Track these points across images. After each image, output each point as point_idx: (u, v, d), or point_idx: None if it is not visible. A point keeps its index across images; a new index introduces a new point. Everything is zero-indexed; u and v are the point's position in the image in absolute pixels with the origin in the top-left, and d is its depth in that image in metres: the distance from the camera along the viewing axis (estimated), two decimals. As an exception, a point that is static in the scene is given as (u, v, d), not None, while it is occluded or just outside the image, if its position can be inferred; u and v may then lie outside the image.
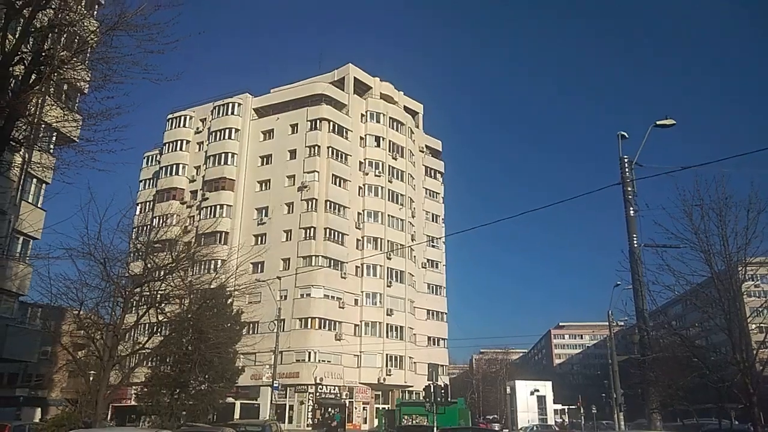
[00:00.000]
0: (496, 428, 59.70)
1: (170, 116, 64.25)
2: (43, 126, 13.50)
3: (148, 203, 58.56)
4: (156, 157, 64.73)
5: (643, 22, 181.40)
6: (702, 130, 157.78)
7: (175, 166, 62.02)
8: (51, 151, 15.22)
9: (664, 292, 17.57)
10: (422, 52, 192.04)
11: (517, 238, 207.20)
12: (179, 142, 62.98)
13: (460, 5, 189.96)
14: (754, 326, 17.68)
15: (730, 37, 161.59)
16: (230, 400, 42.57)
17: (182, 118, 63.81)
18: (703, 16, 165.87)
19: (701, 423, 31.97)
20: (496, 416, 70.97)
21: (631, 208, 18.29)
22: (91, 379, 22.62)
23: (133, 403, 38.16)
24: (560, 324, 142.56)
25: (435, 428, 27.30)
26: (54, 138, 15.02)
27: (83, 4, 12.09)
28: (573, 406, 63.31)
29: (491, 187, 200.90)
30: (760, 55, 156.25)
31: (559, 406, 64.25)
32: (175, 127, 63.77)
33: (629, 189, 18.43)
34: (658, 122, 18.46)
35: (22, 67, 10.51)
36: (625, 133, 19.05)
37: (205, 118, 62.96)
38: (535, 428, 47.37)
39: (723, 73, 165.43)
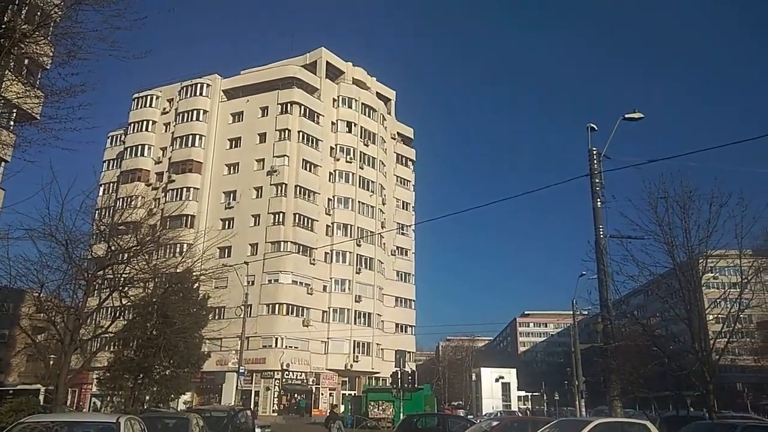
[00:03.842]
0: (461, 414, 60.67)
1: (136, 95, 62.59)
2: (2, 102, 12.98)
3: (112, 184, 57.09)
4: (121, 137, 63.03)
5: (614, 17, 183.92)
6: (669, 123, 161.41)
7: (140, 146, 60.57)
8: (11, 128, 14.67)
9: (627, 283, 17.98)
10: (395, 39, 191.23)
11: (486, 228, 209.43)
12: (145, 122, 61.49)
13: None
14: (711, 317, 18.25)
15: (697, 33, 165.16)
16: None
17: (149, 97, 62.27)
18: (672, 12, 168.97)
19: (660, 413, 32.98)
20: (461, 402, 71.97)
21: (599, 200, 18.52)
22: (51, 363, 22.08)
23: (94, 387, 37.38)
24: (525, 312, 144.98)
25: (401, 414, 27.54)
26: (14, 115, 14.46)
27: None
28: (536, 393, 64.67)
29: (462, 175, 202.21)
30: (726, 50, 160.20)
31: (522, 393, 65.59)
32: (141, 107, 62.21)
33: (597, 180, 18.66)
34: (626, 115, 18.72)
35: (-20, 39, 10.04)
36: (595, 125, 19.26)
37: (173, 99, 61.55)
38: (499, 414, 48.19)
39: (691, 68, 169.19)
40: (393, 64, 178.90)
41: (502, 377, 57.46)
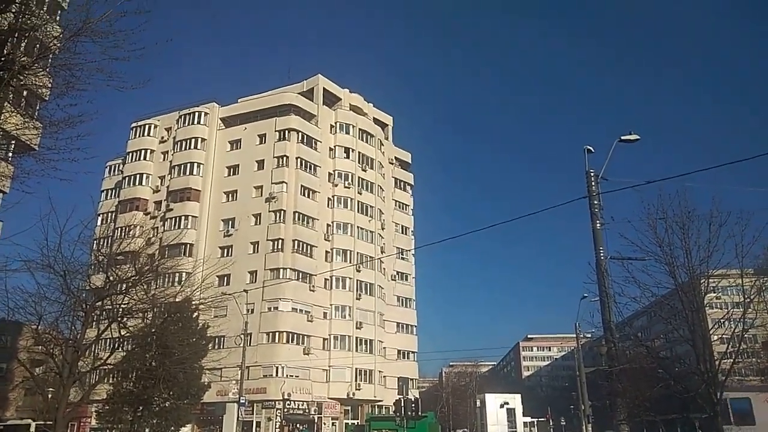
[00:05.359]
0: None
1: (134, 125, 62.95)
2: (1, 133, 13.03)
3: (110, 214, 57.06)
4: (119, 166, 63.21)
5: (611, 36, 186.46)
6: (666, 143, 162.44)
7: (138, 176, 60.70)
8: (9, 159, 14.72)
9: (630, 304, 17.83)
10: (392, 65, 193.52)
11: (486, 251, 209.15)
12: (143, 152, 61.70)
13: (428, 19, 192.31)
14: (716, 337, 18.07)
15: (696, 54, 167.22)
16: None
17: (147, 126, 62.59)
18: (670, 33, 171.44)
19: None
20: (466, 429, 70.87)
21: (598, 221, 18.39)
22: (49, 396, 21.80)
23: (93, 421, 36.83)
24: (528, 336, 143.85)
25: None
26: (12, 146, 14.51)
27: (46, 8, 11.73)
28: (542, 419, 63.61)
29: (461, 199, 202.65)
30: (724, 72, 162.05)
31: (528, 419, 64.47)
32: (139, 136, 62.50)
33: (595, 202, 18.58)
34: (622, 137, 18.74)
35: (-21, 72, 10.09)
36: (591, 148, 19.22)
37: (171, 127, 61.83)
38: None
39: (688, 87, 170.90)
40: (390, 90, 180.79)
41: (507, 403, 56.44)
